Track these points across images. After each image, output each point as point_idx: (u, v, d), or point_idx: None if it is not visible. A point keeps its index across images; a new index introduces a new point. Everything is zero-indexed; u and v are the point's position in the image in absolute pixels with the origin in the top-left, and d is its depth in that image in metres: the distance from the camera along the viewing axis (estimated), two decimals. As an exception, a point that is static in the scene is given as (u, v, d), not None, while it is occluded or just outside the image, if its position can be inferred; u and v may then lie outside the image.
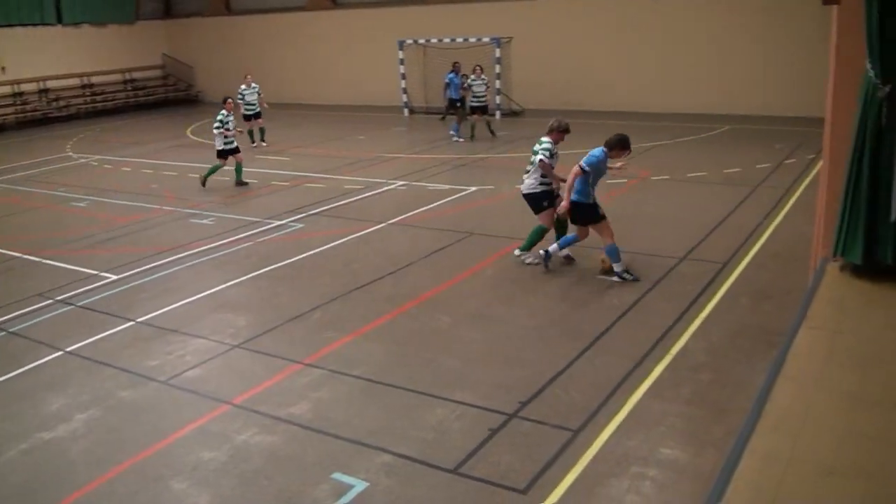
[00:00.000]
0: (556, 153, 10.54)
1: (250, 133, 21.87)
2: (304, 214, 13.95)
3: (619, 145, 9.96)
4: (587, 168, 9.72)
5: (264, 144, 21.83)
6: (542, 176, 10.36)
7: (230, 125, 16.39)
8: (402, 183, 16.28)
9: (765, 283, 9.50)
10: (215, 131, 16.35)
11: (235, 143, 16.65)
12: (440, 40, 27.09)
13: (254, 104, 21.90)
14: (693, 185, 15.10)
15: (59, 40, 32.61)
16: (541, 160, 10.25)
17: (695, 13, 24.01)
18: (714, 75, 23.85)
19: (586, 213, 10.02)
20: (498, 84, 25.57)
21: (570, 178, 9.77)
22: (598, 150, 9.97)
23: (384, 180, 16.58)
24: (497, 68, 25.46)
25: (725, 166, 16.37)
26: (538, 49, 26.23)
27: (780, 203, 13.19)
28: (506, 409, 6.69)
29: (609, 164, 10.15)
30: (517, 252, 10.68)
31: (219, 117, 16.30)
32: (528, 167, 10.54)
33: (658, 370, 7.29)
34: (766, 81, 23.09)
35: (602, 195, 14.13)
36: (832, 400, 4.26)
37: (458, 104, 22.12)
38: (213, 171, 16.64)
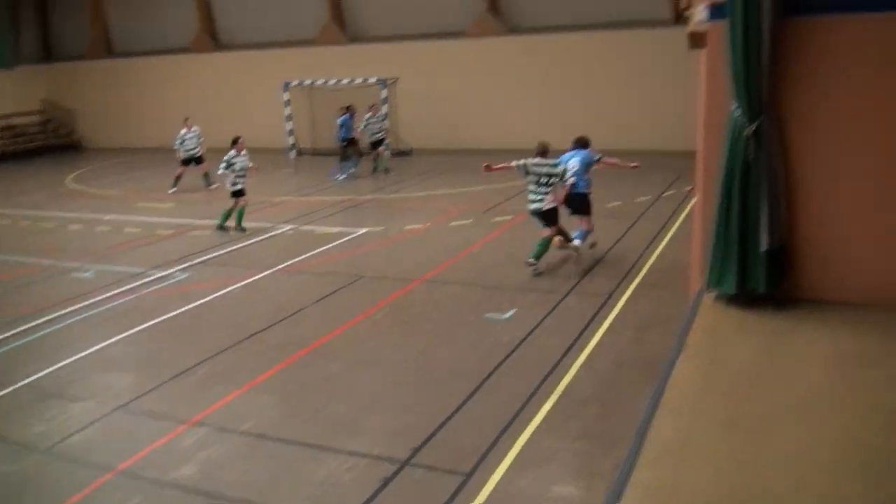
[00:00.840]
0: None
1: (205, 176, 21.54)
2: (189, 263, 13.62)
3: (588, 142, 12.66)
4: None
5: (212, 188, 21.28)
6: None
7: (237, 166, 15.90)
8: (290, 227, 16.12)
9: (647, 313, 9.79)
10: (220, 172, 16.02)
11: (241, 186, 16.04)
12: (326, 82, 27.11)
13: (195, 148, 21.65)
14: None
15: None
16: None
17: (574, 52, 24.83)
18: (594, 111, 24.55)
19: (587, 203, 12.49)
20: (386, 124, 25.70)
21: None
22: (585, 151, 12.56)
23: (271, 225, 16.38)
24: (384, 108, 25.62)
25: (606, 201, 16.78)
26: (424, 89, 26.54)
27: (659, 234, 13.66)
28: (398, 457, 6.65)
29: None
30: (531, 260, 11.59)
31: (225, 157, 15.99)
32: (542, 189, 11.72)
33: (547, 406, 7.39)
34: (642, 117, 23.95)
35: (489, 233, 14.44)
36: (710, 428, 4.41)
37: (348, 144, 22.10)
38: (228, 214, 16.11)
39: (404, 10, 27.70)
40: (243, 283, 12.26)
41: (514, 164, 11.92)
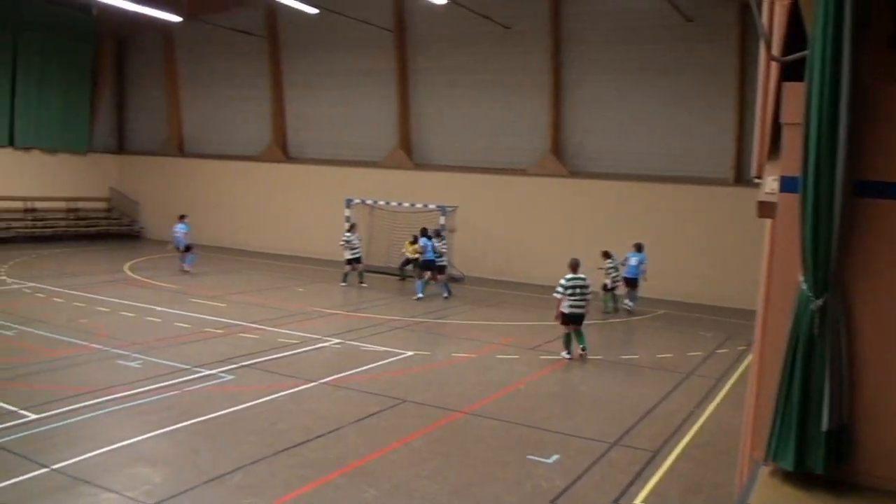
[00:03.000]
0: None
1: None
2: (234, 366, 13.67)
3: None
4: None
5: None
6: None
7: (354, 241, 22.66)
8: (337, 341, 16.17)
9: (694, 475, 9.50)
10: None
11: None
12: (387, 203, 27.73)
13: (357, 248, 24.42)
14: (626, 367, 15.31)
15: (6, 162, 32.64)
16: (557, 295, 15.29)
17: (630, 200, 25.24)
18: (649, 259, 24.67)
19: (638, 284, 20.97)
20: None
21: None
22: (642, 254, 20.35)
23: (319, 336, 16.47)
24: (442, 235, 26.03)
25: (658, 351, 16.69)
26: (482, 220, 26.99)
27: (710, 393, 13.39)
28: None
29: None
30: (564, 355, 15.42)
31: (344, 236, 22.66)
32: (584, 298, 15.19)
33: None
34: (693, 270, 24.00)
35: (535, 372, 14.32)
36: None
37: (425, 266, 22.55)
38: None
39: (470, 143, 28.59)
40: (286, 392, 12.23)
41: (558, 295, 15.13)
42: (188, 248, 25.67)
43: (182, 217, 26.00)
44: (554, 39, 26.23)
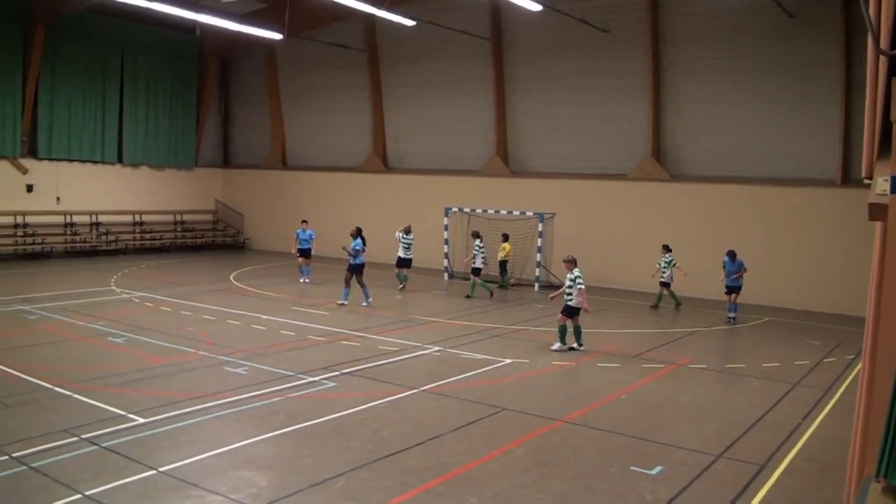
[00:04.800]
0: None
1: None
2: (337, 373, 13.93)
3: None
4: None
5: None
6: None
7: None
8: (437, 348, 16.29)
9: (802, 490, 9.17)
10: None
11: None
12: (485, 210, 27.80)
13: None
14: (731, 376, 14.92)
15: (116, 178, 34.36)
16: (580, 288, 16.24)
17: (734, 203, 24.65)
18: (753, 264, 23.97)
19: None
20: (539, 258, 26.00)
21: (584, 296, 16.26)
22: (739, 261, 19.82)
23: (419, 344, 16.62)
24: (539, 242, 25.95)
25: (764, 360, 16.23)
26: (579, 226, 26.76)
27: (818, 404, 12.94)
28: None
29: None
30: (557, 346, 16.41)
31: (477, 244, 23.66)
32: (571, 290, 16.26)
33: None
34: (805, 277, 23.26)
35: (636, 381, 14.10)
36: None
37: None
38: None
39: (567, 149, 28.46)
40: (387, 399, 12.38)
41: (583, 286, 16.40)
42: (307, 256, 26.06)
43: (305, 222, 26.65)
44: (652, 41, 25.85)
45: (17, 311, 18.95)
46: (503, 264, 25.92)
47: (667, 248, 22.42)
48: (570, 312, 16.40)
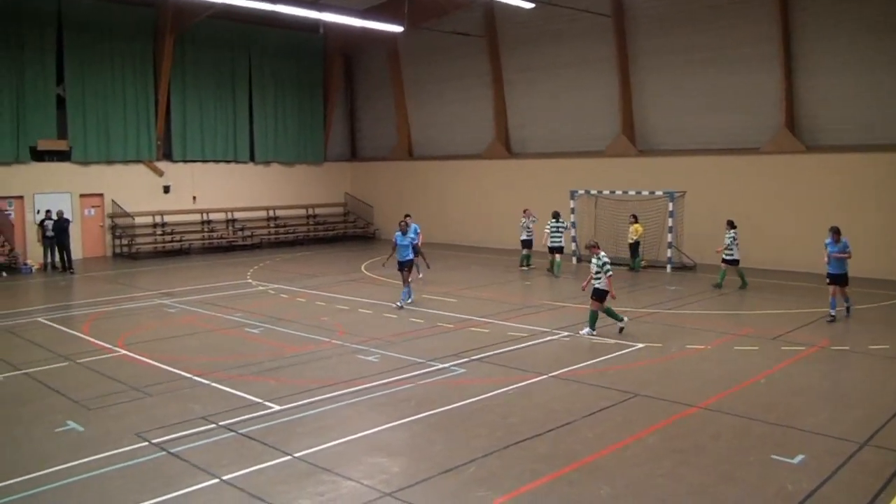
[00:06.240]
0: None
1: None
2: (466, 359, 13.93)
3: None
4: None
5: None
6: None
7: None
8: (566, 333, 16.07)
9: (957, 481, 8.52)
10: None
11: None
12: (612, 192, 27.26)
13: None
14: (875, 358, 14.03)
15: (249, 176, 35.72)
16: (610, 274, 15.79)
17: (876, 173, 23.12)
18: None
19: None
20: (670, 238, 25.31)
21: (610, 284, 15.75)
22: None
23: (548, 329, 16.44)
24: (670, 222, 25.24)
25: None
26: (712, 203, 25.84)
27: (979, 387, 12.04)
28: None
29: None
30: (587, 332, 15.89)
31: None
32: (599, 275, 15.75)
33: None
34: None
35: (775, 364, 13.46)
36: None
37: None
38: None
39: (695, 125, 27.54)
40: (517, 385, 12.28)
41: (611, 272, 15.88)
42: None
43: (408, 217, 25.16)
44: (781, 4, 24.58)
45: (158, 305, 19.86)
46: (634, 246, 25.35)
47: (731, 224, 21.36)
48: (600, 295, 15.84)
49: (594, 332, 15.89)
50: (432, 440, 9.93)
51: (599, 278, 15.77)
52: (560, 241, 24.61)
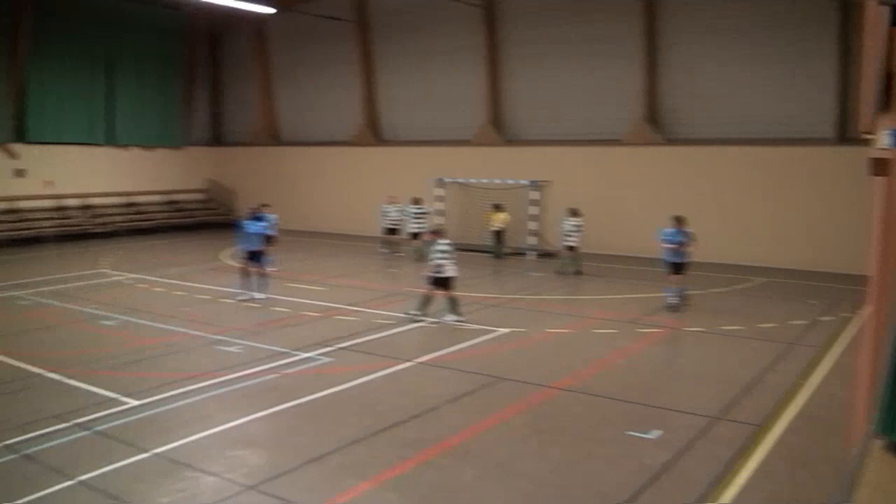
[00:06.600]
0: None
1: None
2: (332, 348, 13.82)
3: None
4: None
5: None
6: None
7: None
8: (432, 320, 16.18)
9: (801, 449, 9.12)
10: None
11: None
12: (479, 180, 27.60)
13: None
14: (727, 338, 14.82)
15: (106, 160, 34.08)
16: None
17: (730, 165, 24.45)
18: (748, 226, 23.97)
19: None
20: (534, 225, 25.86)
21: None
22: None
23: (415, 316, 16.50)
24: (534, 210, 25.79)
25: (760, 320, 16.15)
26: (575, 193, 26.55)
27: (815, 363, 12.87)
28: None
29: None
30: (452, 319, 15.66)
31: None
32: (443, 261, 15.74)
33: (691, 544, 6.89)
34: (802, 237, 23.13)
35: (633, 345, 14.02)
36: None
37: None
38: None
39: (561, 116, 28.16)
40: (383, 372, 12.28)
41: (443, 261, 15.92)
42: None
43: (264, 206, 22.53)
44: (646, 2, 25.48)
45: (10, 298, 18.76)
46: (499, 234, 25.78)
47: (574, 212, 22.27)
48: (440, 283, 15.92)
49: (426, 317, 15.96)
50: (298, 430, 9.81)
51: (440, 264, 15.86)
52: (423, 227, 24.79)
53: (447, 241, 16.16)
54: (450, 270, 15.86)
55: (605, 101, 27.12)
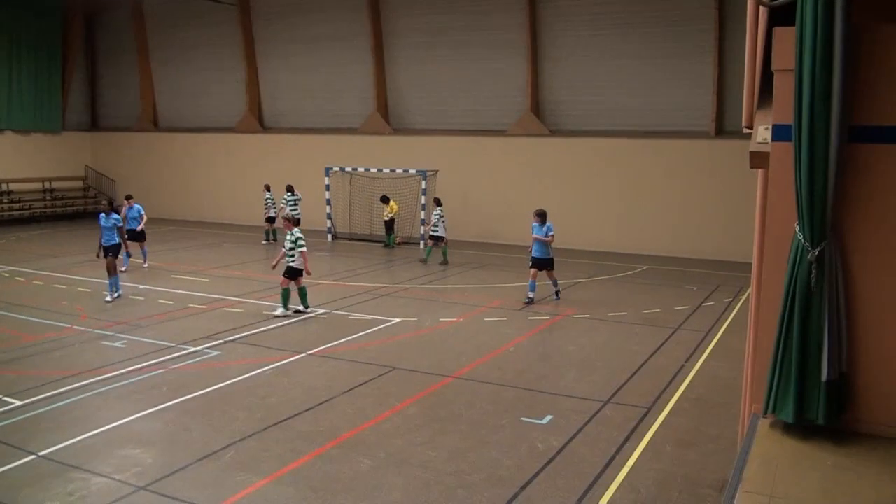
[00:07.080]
0: None
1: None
2: (220, 341, 13.53)
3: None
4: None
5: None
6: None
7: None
8: (323, 311, 16.05)
9: (688, 429, 9.49)
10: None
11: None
12: (367, 169, 27.46)
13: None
14: (614, 324, 15.26)
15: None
16: None
17: (613, 156, 25.13)
18: (630, 215, 24.71)
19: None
20: (422, 215, 25.92)
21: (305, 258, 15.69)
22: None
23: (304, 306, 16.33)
24: (422, 199, 25.85)
25: (645, 307, 16.68)
26: (462, 183, 26.78)
27: (700, 346, 13.40)
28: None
29: None
30: (281, 311, 15.54)
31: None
32: (293, 252, 15.63)
33: (585, 525, 7.08)
34: (682, 226, 24.00)
35: (523, 333, 14.27)
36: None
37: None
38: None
39: (448, 106, 28.28)
40: (274, 365, 12.12)
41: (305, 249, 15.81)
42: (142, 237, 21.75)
43: (130, 198, 22.91)
44: (529, -5, 25.85)
45: None
46: (389, 223, 25.73)
47: (438, 202, 22.55)
48: (293, 274, 15.73)
49: (288, 311, 15.70)
50: (188, 427, 9.58)
51: (293, 256, 15.63)
52: (297, 214, 24.42)
53: (300, 231, 15.99)
54: (298, 262, 15.60)
55: (493, 92, 27.38)
